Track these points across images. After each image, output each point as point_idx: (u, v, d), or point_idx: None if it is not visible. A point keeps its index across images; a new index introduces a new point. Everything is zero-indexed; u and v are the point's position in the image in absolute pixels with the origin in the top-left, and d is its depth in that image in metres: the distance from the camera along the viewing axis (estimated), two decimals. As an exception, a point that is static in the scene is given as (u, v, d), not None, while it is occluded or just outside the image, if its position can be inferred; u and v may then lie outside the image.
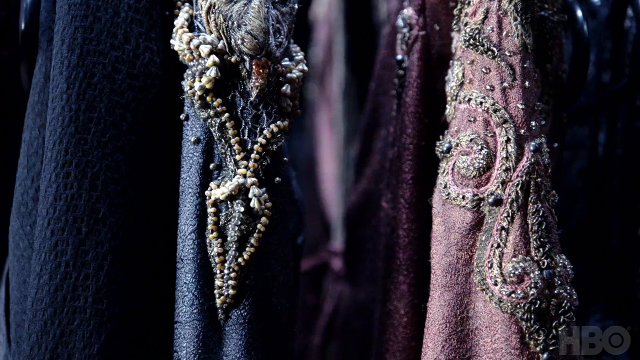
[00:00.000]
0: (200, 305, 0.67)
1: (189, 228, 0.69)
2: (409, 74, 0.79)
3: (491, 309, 0.67)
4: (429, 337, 0.69)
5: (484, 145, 0.69)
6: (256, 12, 0.68)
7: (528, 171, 0.68)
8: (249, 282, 0.68)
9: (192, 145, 0.70)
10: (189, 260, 0.68)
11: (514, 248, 0.67)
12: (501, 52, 0.69)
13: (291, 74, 0.72)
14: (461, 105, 0.71)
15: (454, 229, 0.70)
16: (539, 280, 0.66)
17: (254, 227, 0.69)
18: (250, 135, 0.70)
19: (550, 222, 0.68)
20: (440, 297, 0.69)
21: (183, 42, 0.70)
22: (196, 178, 0.69)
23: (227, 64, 0.69)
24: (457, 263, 0.69)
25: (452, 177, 0.71)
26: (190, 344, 0.67)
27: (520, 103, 0.69)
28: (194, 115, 0.70)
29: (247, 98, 0.69)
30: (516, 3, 0.69)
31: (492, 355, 0.67)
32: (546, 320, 0.66)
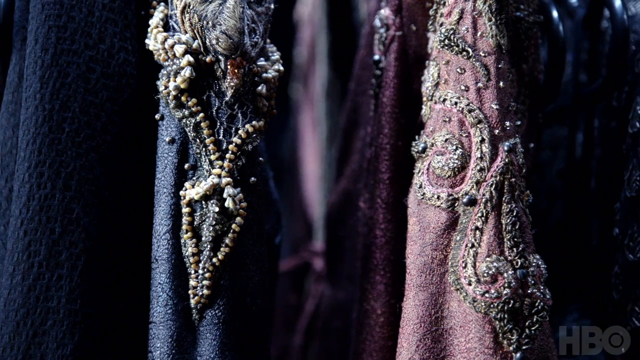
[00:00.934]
0: (174, 305, 0.67)
1: (164, 228, 0.69)
2: (385, 74, 0.79)
3: (465, 308, 0.67)
4: (404, 336, 0.69)
5: (459, 146, 0.69)
6: (231, 12, 0.68)
7: (502, 171, 0.68)
8: (223, 282, 0.68)
9: (167, 145, 0.70)
10: (163, 261, 0.68)
11: (488, 248, 0.67)
12: (476, 53, 0.70)
13: (267, 73, 0.72)
14: (437, 105, 0.72)
15: (429, 228, 0.70)
16: (513, 280, 0.66)
17: (228, 227, 0.69)
18: (226, 135, 0.70)
19: (524, 222, 0.68)
20: (415, 296, 0.69)
21: (158, 42, 0.70)
22: (171, 178, 0.69)
23: (202, 63, 0.69)
24: (432, 263, 0.69)
25: (427, 177, 0.71)
26: (164, 344, 0.67)
27: (494, 103, 0.69)
28: (169, 115, 0.70)
29: (223, 98, 0.69)
30: (490, 4, 0.69)
31: (466, 354, 0.67)
32: (519, 319, 0.66)
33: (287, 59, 1.48)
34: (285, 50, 1.54)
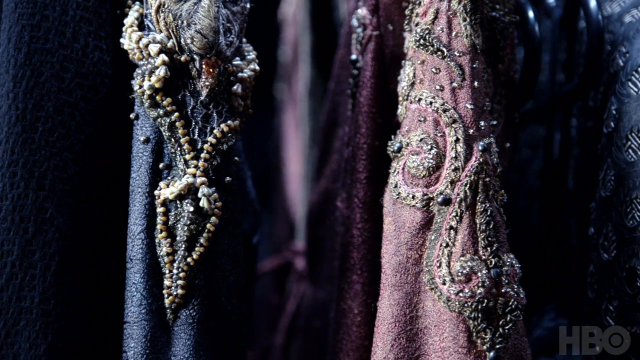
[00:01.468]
0: (148, 305, 0.67)
1: (138, 228, 0.68)
2: (362, 74, 0.79)
3: (440, 307, 0.68)
4: (379, 336, 0.69)
5: (434, 145, 0.69)
6: (206, 11, 0.68)
7: (476, 171, 0.68)
8: (198, 282, 0.68)
9: (141, 145, 0.69)
10: (137, 260, 0.68)
11: (462, 247, 0.67)
12: (451, 53, 0.70)
13: (242, 73, 0.72)
14: (412, 105, 0.72)
15: (404, 228, 0.70)
16: (487, 279, 0.67)
17: (203, 226, 0.68)
18: (201, 135, 0.69)
19: (498, 221, 0.69)
20: (390, 296, 0.69)
21: (132, 41, 0.69)
22: (145, 177, 0.69)
23: (177, 63, 0.69)
24: (407, 262, 0.69)
25: (402, 176, 0.71)
26: (138, 344, 0.67)
27: (469, 103, 0.69)
28: (143, 115, 0.70)
29: (198, 97, 0.69)
30: (465, 4, 0.69)
31: (441, 353, 0.67)
32: (493, 319, 0.67)
33: (272, 58, 1.49)
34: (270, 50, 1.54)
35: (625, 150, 0.73)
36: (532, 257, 0.94)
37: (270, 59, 1.50)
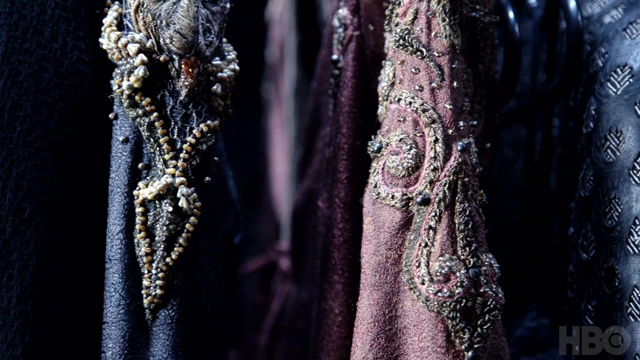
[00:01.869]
0: (127, 305, 0.67)
1: (117, 228, 0.68)
2: (343, 74, 0.80)
3: (419, 307, 0.68)
4: (358, 336, 0.69)
5: (413, 145, 0.70)
6: (185, 11, 0.68)
7: (455, 171, 0.68)
8: (177, 282, 0.68)
9: (120, 145, 0.69)
10: (116, 260, 0.68)
11: (441, 247, 0.67)
12: (430, 53, 0.70)
13: (222, 73, 0.72)
14: (392, 105, 0.72)
15: (384, 228, 0.70)
16: (465, 279, 0.67)
17: (182, 226, 0.68)
18: (180, 135, 0.69)
19: (477, 221, 0.69)
20: (370, 296, 0.69)
21: (111, 41, 0.69)
22: (124, 177, 0.69)
23: (156, 63, 0.69)
24: (386, 262, 0.69)
25: (382, 176, 0.71)
26: (116, 345, 0.66)
27: (448, 103, 0.69)
28: (122, 115, 0.70)
29: (177, 97, 0.69)
30: (444, 4, 0.70)
31: (420, 353, 0.67)
32: (471, 318, 0.67)
33: (259, 58, 1.49)
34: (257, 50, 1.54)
35: (604, 151, 0.73)
36: (515, 257, 0.94)
37: (257, 59, 1.51)
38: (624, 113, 0.72)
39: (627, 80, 0.73)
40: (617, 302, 0.71)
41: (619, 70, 0.73)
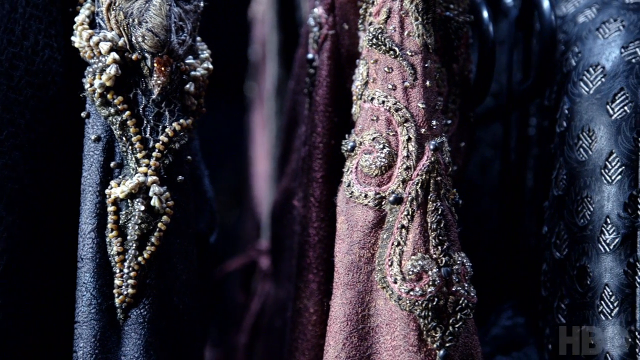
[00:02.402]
0: (98, 305, 0.67)
1: (89, 227, 0.68)
2: (319, 73, 0.79)
3: (391, 306, 0.68)
4: (331, 335, 0.69)
5: (386, 144, 0.70)
6: (157, 10, 0.68)
7: (428, 170, 0.69)
8: (149, 281, 0.68)
9: (92, 143, 0.69)
10: (87, 260, 0.68)
11: (414, 246, 0.68)
12: (403, 52, 0.70)
13: (195, 72, 0.71)
14: (365, 104, 0.72)
15: (357, 227, 0.70)
16: (437, 278, 0.67)
17: (154, 225, 0.68)
18: (152, 134, 0.69)
19: (449, 220, 0.69)
20: (342, 295, 0.69)
21: (83, 39, 0.69)
22: (96, 176, 0.69)
23: (128, 61, 0.69)
24: (359, 261, 0.69)
25: (355, 175, 0.71)
26: (87, 344, 0.66)
27: (421, 102, 0.69)
28: (95, 113, 0.69)
29: (149, 96, 0.69)
30: (417, 3, 0.70)
31: (392, 352, 0.67)
32: (443, 317, 0.67)
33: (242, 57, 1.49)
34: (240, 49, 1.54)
35: (577, 150, 0.74)
36: (492, 256, 0.94)
37: (241, 58, 1.50)
38: (596, 112, 0.72)
39: (599, 80, 0.73)
40: (588, 300, 0.71)
41: (592, 69, 0.74)
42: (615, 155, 0.71)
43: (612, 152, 0.71)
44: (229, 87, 1.53)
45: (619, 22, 0.74)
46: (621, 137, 0.71)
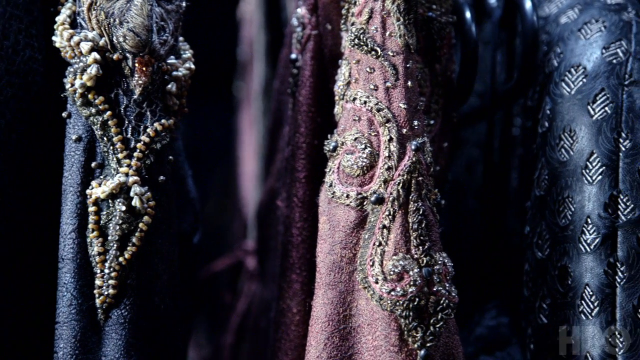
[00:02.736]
0: (78, 305, 0.67)
1: (69, 227, 0.68)
2: (302, 73, 0.80)
3: (372, 306, 0.68)
4: (312, 335, 0.69)
5: (368, 144, 0.70)
6: (139, 10, 0.68)
7: (409, 170, 0.69)
8: (130, 282, 0.68)
9: (73, 144, 0.69)
10: (68, 260, 0.67)
11: (395, 246, 0.68)
12: (384, 52, 0.70)
13: (177, 72, 0.71)
14: (347, 104, 0.72)
15: (339, 227, 0.70)
16: (418, 278, 0.67)
17: (135, 226, 0.68)
18: (134, 134, 0.69)
19: (430, 220, 0.69)
20: (324, 295, 0.69)
21: (64, 39, 0.69)
22: (77, 176, 0.68)
23: (109, 61, 0.68)
24: (341, 261, 0.69)
25: (337, 175, 0.71)
26: (67, 345, 0.66)
27: (402, 103, 0.70)
28: (76, 113, 0.69)
29: (131, 96, 0.69)
30: (399, 4, 0.70)
31: (373, 352, 0.67)
32: (424, 317, 0.67)
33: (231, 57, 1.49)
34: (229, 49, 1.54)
35: (558, 150, 0.74)
36: (477, 256, 0.94)
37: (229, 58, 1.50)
38: (578, 113, 0.73)
39: (580, 81, 0.73)
40: (569, 300, 0.71)
41: (573, 70, 0.74)
42: (596, 156, 0.71)
43: (592, 152, 0.71)
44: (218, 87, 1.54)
45: (601, 22, 0.75)
46: (602, 137, 0.71)
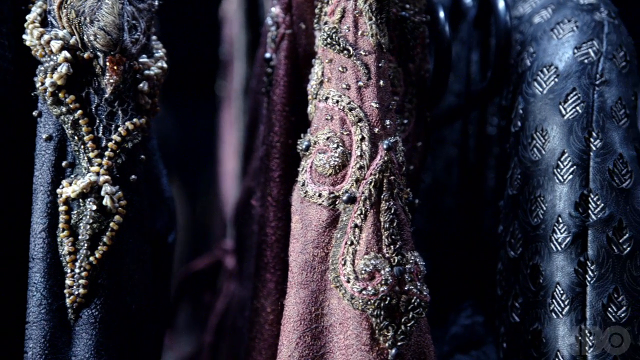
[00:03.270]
0: (48, 305, 0.66)
1: (40, 227, 0.68)
2: (276, 72, 0.79)
3: (344, 305, 0.68)
4: (284, 334, 0.69)
5: (340, 144, 0.70)
6: (110, 8, 0.67)
7: (381, 169, 0.69)
8: (101, 281, 0.67)
9: (44, 143, 0.69)
10: (38, 260, 0.67)
11: (367, 245, 0.68)
12: (357, 52, 0.70)
13: (149, 70, 0.71)
14: (320, 103, 0.72)
15: (311, 226, 0.70)
16: (389, 277, 0.67)
17: (106, 225, 0.68)
18: (105, 133, 0.69)
19: (402, 219, 0.69)
20: (296, 294, 0.69)
21: (34, 37, 0.68)
22: (47, 176, 0.68)
23: (80, 60, 0.68)
24: (313, 260, 0.69)
25: (310, 175, 0.71)
26: (36, 345, 0.66)
27: (374, 102, 0.70)
28: (46, 112, 0.69)
29: (102, 95, 0.69)
30: (371, 3, 0.70)
31: (345, 351, 0.67)
32: (395, 316, 0.67)
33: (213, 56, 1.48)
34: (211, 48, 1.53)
35: (531, 149, 0.74)
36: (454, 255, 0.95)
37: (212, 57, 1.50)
38: (549, 112, 0.73)
39: (552, 80, 0.73)
40: (540, 299, 0.72)
41: (545, 69, 0.74)
42: (567, 155, 0.71)
43: (564, 151, 0.72)
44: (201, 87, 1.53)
45: (573, 22, 0.75)
46: (573, 137, 0.71)
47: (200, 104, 1.60)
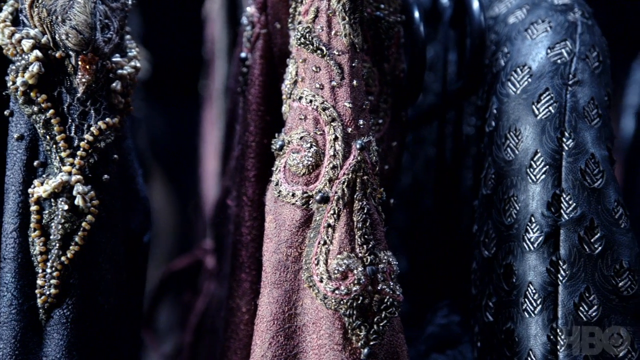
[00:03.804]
0: (19, 305, 0.66)
1: (11, 226, 0.67)
2: (251, 72, 0.79)
3: (317, 305, 0.68)
4: (258, 334, 0.69)
5: (313, 143, 0.70)
6: (82, 7, 0.67)
7: (354, 169, 0.69)
8: (73, 281, 0.67)
9: (15, 142, 0.68)
10: (9, 260, 0.67)
11: (340, 245, 0.68)
12: (330, 51, 0.70)
13: (122, 70, 0.71)
14: (294, 103, 0.72)
15: (284, 226, 0.70)
16: (362, 277, 0.67)
17: (78, 225, 0.68)
18: (77, 132, 0.69)
19: (375, 219, 0.69)
20: (269, 294, 0.69)
21: (5, 36, 0.68)
22: (19, 175, 0.68)
23: (52, 59, 0.68)
24: (287, 260, 0.69)
25: (283, 174, 0.71)
26: (7, 345, 0.65)
27: (348, 102, 0.70)
28: (18, 112, 0.69)
29: (74, 94, 0.68)
30: (344, 3, 0.70)
31: (318, 351, 0.67)
32: (368, 315, 0.67)
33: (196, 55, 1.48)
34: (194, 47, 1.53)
35: (504, 149, 0.74)
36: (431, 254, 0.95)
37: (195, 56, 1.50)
38: (523, 112, 0.73)
39: (526, 80, 0.74)
40: (513, 298, 0.72)
41: (519, 69, 0.74)
42: (540, 155, 0.72)
43: (537, 151, 0.72)
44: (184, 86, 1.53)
45: (547, 23, 0.75)
46: (545, 136, 0.72)
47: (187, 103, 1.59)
